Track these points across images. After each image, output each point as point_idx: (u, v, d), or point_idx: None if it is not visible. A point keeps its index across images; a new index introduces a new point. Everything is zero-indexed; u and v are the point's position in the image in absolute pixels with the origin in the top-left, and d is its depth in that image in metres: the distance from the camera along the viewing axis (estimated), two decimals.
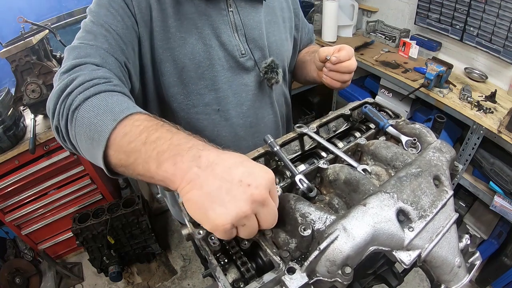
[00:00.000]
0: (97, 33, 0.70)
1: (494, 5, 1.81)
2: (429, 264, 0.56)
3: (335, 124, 0.82)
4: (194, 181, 0.44)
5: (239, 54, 0.88)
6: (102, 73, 0.63)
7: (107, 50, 0.69)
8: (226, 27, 0.85)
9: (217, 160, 0.45)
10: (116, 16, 0.73)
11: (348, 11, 2.67)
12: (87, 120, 0.55)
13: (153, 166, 0.48)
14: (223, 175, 0.44)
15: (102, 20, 0.72)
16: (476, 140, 1.78)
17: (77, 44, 0.69)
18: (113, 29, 0.72)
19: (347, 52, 0.82)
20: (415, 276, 2.15)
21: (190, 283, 2.32)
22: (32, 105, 1.89)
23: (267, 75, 0.91)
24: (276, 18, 0.97)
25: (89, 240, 2.10)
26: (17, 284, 2.21)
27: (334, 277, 0.47)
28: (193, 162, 0.45)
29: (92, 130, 0.54)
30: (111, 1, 0.74)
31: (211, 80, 0.86)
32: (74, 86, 0.59)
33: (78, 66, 0.64)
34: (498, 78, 2.01)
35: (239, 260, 0.50)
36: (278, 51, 0.97)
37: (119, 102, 0.57)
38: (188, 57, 0.82)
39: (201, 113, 0.89)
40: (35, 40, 1.76)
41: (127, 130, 0.51)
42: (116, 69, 0.69)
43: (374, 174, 0.65)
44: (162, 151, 0.47)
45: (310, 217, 0.51)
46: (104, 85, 0.60)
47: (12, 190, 2.01)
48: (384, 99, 2.47)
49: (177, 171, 0.45)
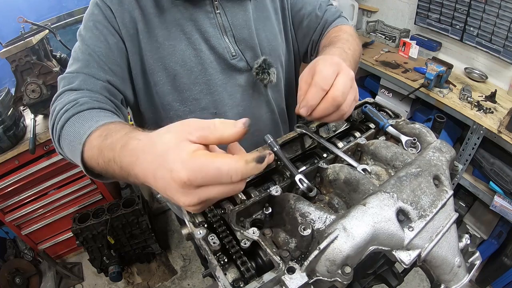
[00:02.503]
0: (81, 59, 0.78)
1: (494, 5, 1.81)
2: (429, 264, 0.56)
3: (335, 124, 0.82)
4: (146, 174, 0.44)
5: (230, 56, 0.87)
6: (74, 96, 0.70)
7: (87, 73, 0.76)
8: (214, 30, 0.85)
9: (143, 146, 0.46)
10: (99, 37, 0.79)
11: (348, 11, 2.67)
12: (66, 149, 0.67)
13: (125, 177, 0.50)
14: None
15: (86, 45, 0.79)
16: (476, 140, 1.78)
17: (64, 74, 0.78)
18: (96, 51, 0.78)
19: (319, 84, 0.59)
20: (415, 276, 2.15)
21: (190, 283, 2.32)
22: (32, 105, 1.89)
23: (259, 76, 0.89)
24: (266, 12, 0.94)
25: (89, 240, 2.10)
26: (17, 284, 2.21)
27: (334, 277, 0.47)
28: (130, 157, 0.47)
29: (73, 156, 0.64)
30: (96, 22, 0.79)
31: (205, 84, 0.87)
32: (53, 117, 0.70)
33: (59, 96, 0.74)
34: (498, 78, 2.02)
35: (239, 259, 0.50)
36: (271, 46, 0.94)
37: (80, 127, 0.63)
38: (180, 64, 0.83)
39: (198, 118, 0.88)
40: (35, 40, 1.77)
41: (89, 154, 0.59)
42: (95, 88, 0.75)
43: (374, 174, 0.65)
44: (118, 168, 0.50)
45: (310, 216, 0.51)
46: (71, 109, 0.67)
47: (12, 190, 2.01)
48: (384, 99, 2.47)
49: (135, 177, 0.47)
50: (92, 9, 0.81)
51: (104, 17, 0.79)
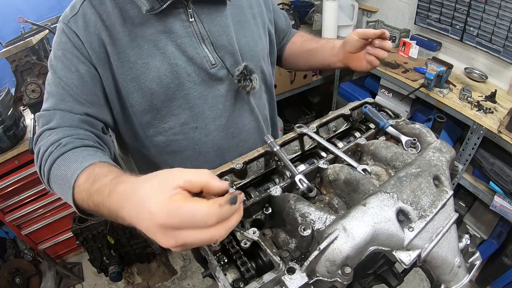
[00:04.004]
0: (55, 94, 0.76)
1: (494, 5, 1.81)
2: (429, 264, 0.56)
3: (335, 124, 0.82)
4: (130, 216, 0.47)
5: (209, 65, 0.83)
6: (55, 137, 0.70)
7: (63, 109, 0.75)
8: (191, 40, 0.81)
9: (131, 192, 0.47)
10: (70, 67, 0.76)
11: (348, 11, 2.67)
12: (57, 191, 0.68)
13: (113, 218, 0.52)
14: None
15: (57, 77, 0.76)
16: (476, 140, 1.78)
17: (42, 112, 0.77)
18: (68, 84, 0.76)
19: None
20: (415, 276, 2.15)
21: (190, 283, 2.32)
22: (32, 105, 1.89)
23: (241, 83, 0.86)
24: (245, 17, 0.92)
25: (89, 240, 2.10)
26: (17, 284, 2.21)
27: (334, 277, 0.47)
28: (118, 202, 0.49)
29: (65, 197, 0.65)
30: (65, 51, 0.76)
31: (183, 99, 0.84)
32: (39, 160, 0.70)
33: (40, 136, 0.74)
34: (498, 78, 2.01)
35: (239, 260, 0.50)
36: (252, 52, 0.92)
37: (66, 169, 0.65)
38: (155, 82, 0.80)
39: (179, 133, 0.87)
40: (35, 40, 1.77)
41: (79, 197, 0.60)
42: (73, 123, 0.75)
43: (374, 174, 0.65)
44: (107, 211, 0.52)
45: (310, 217, 0.51)
46: (55, 151, 0.68)
47: (12, 190, 2.01)
48: (384, 99, 2.47)
49: (122, 219, 0.49)
50: (59, 36, 0.77)
51: (72, 45, 0.76)
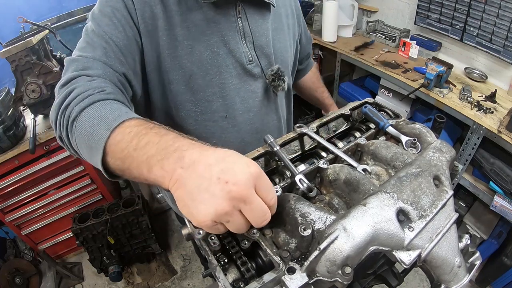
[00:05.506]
0: (97, 45, 0.72)
1: (494, 5, 1.81)
2: (429, 264, 0.56)
3: (335, 124, 0.82)
4: (179, 181, 0.47)
5: (247, 61, 0.88)
6: (97, 84, 0.66)
7: (105, 62, 0.72)
8: (234, 34, 0.85)
9: (199, 158, 0.47)
10: (118, 26, 0.74)
11: (348, 11, 2.67)
12: (84, 130, 0.60)
13: (144, 170, 0.51)
14: (203, 173, 0.45)
15: (102, 31, 0.73)
16: (476, 140, 1.78)
17: (76, 57, 0.72)
18: (113, 40, 0.73)
19: None
20: (415, 276, 2.15)
21: (190, 283, 2.32)
22: (32, 105, 1.89)
23: (274, 83, 0.92)
24: (281, 25, 0.98)
25: (89, 240, 2.10)
26: (17, 284, 2.21)
27: (334, 277, 0.47)
28: (177, 163, 0.48)
29: (89, 139, 0.58)
30: (115, 10, 0.75)
31: (218, 87, 0.87)
32: (71, 98, 0.63)
33: (75, 79, 0.67)
34: (498, 78, 2.01)
35: (239, 260, 0.50)
36: (283, 58, 0.98)
37: (112, 110, 0.60)
38: (196, 65, 0.83)
39: (209, 120, 0.91)
40: (35, 40, 1.77)
41: (119, 138, 0.55)
42: (113, 79, 0.72)
43: (374, 174, 0.65)
44: (151, 156, 0.50)
45: (310, 217, 0.51)
46: (98, 94, 0.63)
47: (12, 190, 2.01)
48: (384, 99, 2.47)
49: (164, 173, 0.49)
50: None
51: (124, 6, 0.75)
